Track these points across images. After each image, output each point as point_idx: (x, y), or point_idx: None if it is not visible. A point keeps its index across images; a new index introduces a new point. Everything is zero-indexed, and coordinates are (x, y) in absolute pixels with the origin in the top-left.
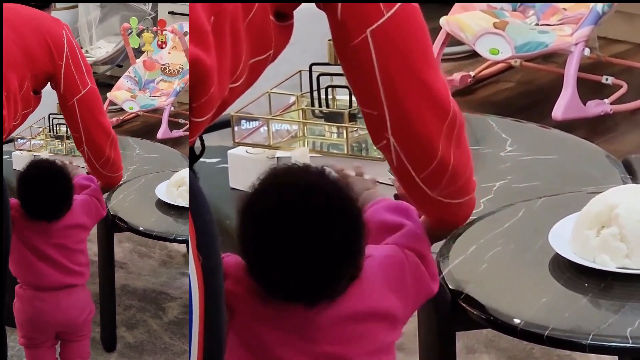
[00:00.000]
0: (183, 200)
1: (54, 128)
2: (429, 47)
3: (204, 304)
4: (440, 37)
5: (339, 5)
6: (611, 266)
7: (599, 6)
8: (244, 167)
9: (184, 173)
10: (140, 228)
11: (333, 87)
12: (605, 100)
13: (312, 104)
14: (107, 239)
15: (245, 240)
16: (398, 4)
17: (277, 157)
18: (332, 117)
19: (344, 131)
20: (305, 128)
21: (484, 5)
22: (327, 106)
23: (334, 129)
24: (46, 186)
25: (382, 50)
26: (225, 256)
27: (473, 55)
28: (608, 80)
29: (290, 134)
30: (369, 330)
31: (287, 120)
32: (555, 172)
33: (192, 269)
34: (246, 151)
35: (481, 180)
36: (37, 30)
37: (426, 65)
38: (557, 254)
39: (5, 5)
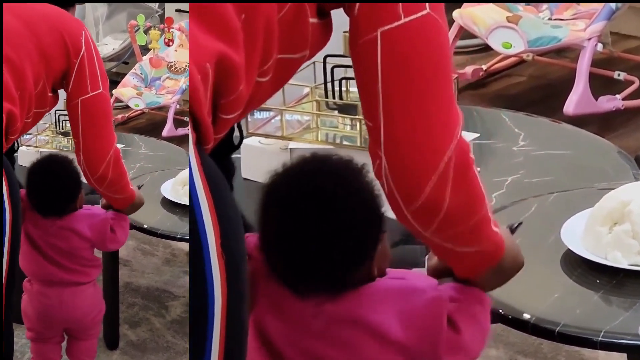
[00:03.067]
0: (187, 199)
1: (60, 124)
2: (444, 71)
3: (226, 305)
4: (453, 30)
5: (359, 2)
6: (623, 263)
7: (613, 2)
8: (256, 157)
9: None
10: (145, 226)
11: (347, 79)
12: (617, 95)
13: (326, 96)
14: None
15: (259, 218)
16: (420, 13)
17: (290, 149)
18: (346, 109)
19: (357, 123)
20: (319, 119)
21: None
22: (341, 98)
23: (347, 121)
24: (48, 179)
25: (389, 57)
26: (247, 236)
27: (486, 48)
28: (620, 75)
29: (303, 125)
30: (361, 341)
31: (300, 111)
32: (567, 167)
33: (215, 265)
34: (259, 142)
35: (493, 174)
36: (54, 28)
37: (434, 89)
38: (569, 250)
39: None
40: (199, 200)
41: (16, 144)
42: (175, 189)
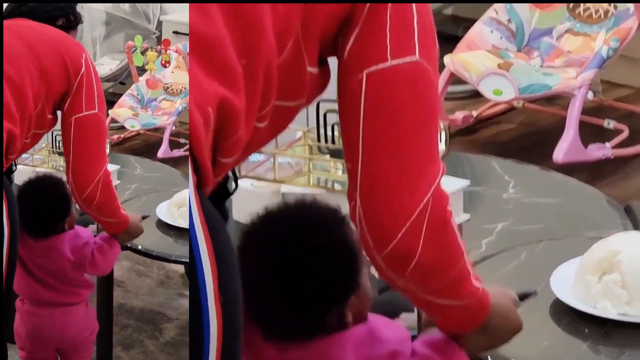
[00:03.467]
0: (183, 221)
1: (57, 144)
2: (428, 120)
3: (221, 345)
4: (444, 75)
5: (350, 42)
6: (612, 313)
7: (604, 50)
8: (248, 200)
9: (185, 194)
10: (140, 247)
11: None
12: (607, 144)
13: (318, 140)
14: None
15: (238, 258)
16: (408, 58)
17: (282, 192)
18: (338, 154)
19: None
20: (311, 163)
21: (489, 46)
22: (333, 142)
23: (339, 165)
24: (35, 200)
25: (373, 98)
26: None
27: (476, 94)
28: (610, 124)
29: (295, 169)
30: None
31: (292, 155)
32: (556, 215)
33: (211, 304)
34: (251, 184)
35: (483, 221)
36: (55, 50)
37: (416, 135)
38: (558, 298)
39: (24, 22)
40: (198, 242)
41: (14, 164)
42: (171, 211)
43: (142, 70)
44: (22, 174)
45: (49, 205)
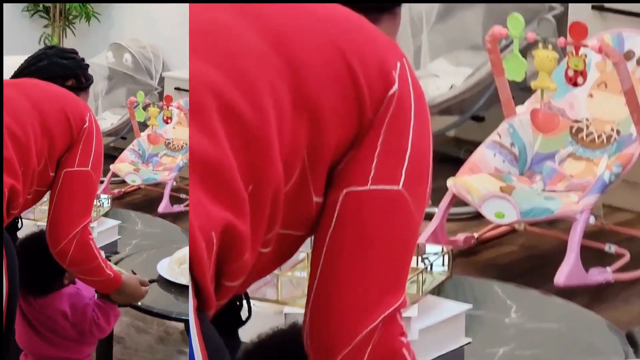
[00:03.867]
0: (184, 278)
1: None
2: (395, 249)
3: None
4: (447, 197)
5: (342, 163)
6: None
7: (606, 175)
8: (251, 321)
9: (186, 250)
10: (140, 304)
11: None
12: (608, 268)
13: None
14: None
15: None
16: (389, 186)
17: (285, 313)
18: None
19: None
20: None
21: (491, 169)
22: None
23: None
24: (32, 257)
25: (344, 217)
26: None
27: (478, 216)
28: (611, 248)
29: (298, 290)
30: None
31: (296, 276)
32: (558, 340)
33: None
34: (254, 305)
35: (485, 345)
36: (59, 107)
37: (380, 264)
38: None
39: (30, 80)
40: None
41: (19, 221)
42: (172, 268)
43: (143, 125)
44: (24, 227)
45: (45, 263)
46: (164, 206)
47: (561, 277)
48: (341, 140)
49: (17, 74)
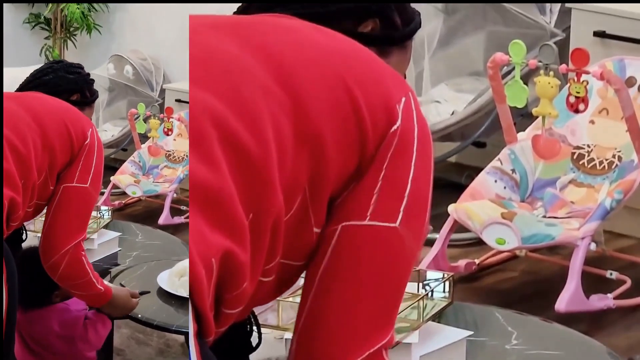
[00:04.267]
0: (184, 291)
1: None
2: (386, 287)
3: None
4: (448, 223)
5: (341, 197)
6: None
7: (607, 202)
8: None
9: (186, 263)
10: (140, 316)
11: None
12: (609, 294)
13: None
14: None
15: None
16: (386, 223)
17: (286, 339)
18: None
19: None
20: None
21: (493, 195)
22: None
23: None
24: (24, 271)
25: (339, 250)
26: None
27: (479, 242)
28: (612, 275)
29: None
30: None
31: (297, 302)
32: None
33: None
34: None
35: None
36: (61, 122)
37: (370, 299)
38: None
39: (33, 94)
40: None
41: (24, 232)
42: (172, 280)
43: (144, 137)
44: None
45: (36, 276)
46: (164, 218)
47: (562, 304)
48: (342, 173)
49: (22, 87)
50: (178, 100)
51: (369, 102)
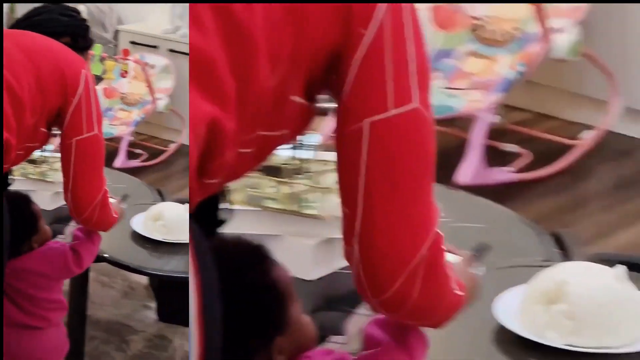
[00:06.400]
0: (159, 235)
1: None
2: (428, 168)
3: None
4: None
5: (348, 83)
6: (558, 343)
7: (511, 74)
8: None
9: (161, 207)
10: (116, 259)
11: None
12: (509, 167)
13: None
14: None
15: None
16: (409, 106)
17: None
18: (270, 171)
19: (280, 185)
20: (242, 181)
21: None
22: None
23: (272, 183)
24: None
25: (375, 150)
26: None
27: None
28: (512, 148)
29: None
30: None
31: None
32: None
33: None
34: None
35: None
36: (55, 62)
37: (417, 187)
38: (502, 326)
39: (26, 32)
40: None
41: (10, 177)
42: (147, 224)
43: (98, 78)
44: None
45: (12, 226)
46: (121, 161)
47: (466, 176)
48: (323, 43)
49: (14, 25)
50: (133, 42)
51: None
